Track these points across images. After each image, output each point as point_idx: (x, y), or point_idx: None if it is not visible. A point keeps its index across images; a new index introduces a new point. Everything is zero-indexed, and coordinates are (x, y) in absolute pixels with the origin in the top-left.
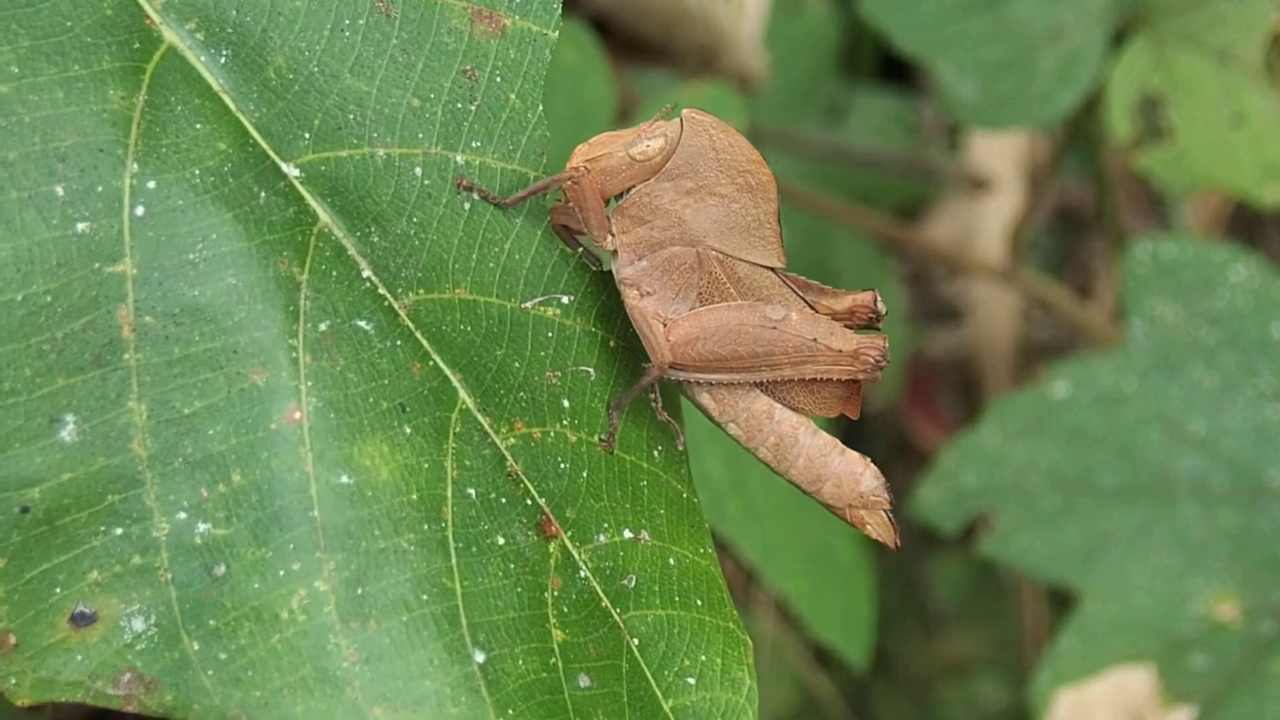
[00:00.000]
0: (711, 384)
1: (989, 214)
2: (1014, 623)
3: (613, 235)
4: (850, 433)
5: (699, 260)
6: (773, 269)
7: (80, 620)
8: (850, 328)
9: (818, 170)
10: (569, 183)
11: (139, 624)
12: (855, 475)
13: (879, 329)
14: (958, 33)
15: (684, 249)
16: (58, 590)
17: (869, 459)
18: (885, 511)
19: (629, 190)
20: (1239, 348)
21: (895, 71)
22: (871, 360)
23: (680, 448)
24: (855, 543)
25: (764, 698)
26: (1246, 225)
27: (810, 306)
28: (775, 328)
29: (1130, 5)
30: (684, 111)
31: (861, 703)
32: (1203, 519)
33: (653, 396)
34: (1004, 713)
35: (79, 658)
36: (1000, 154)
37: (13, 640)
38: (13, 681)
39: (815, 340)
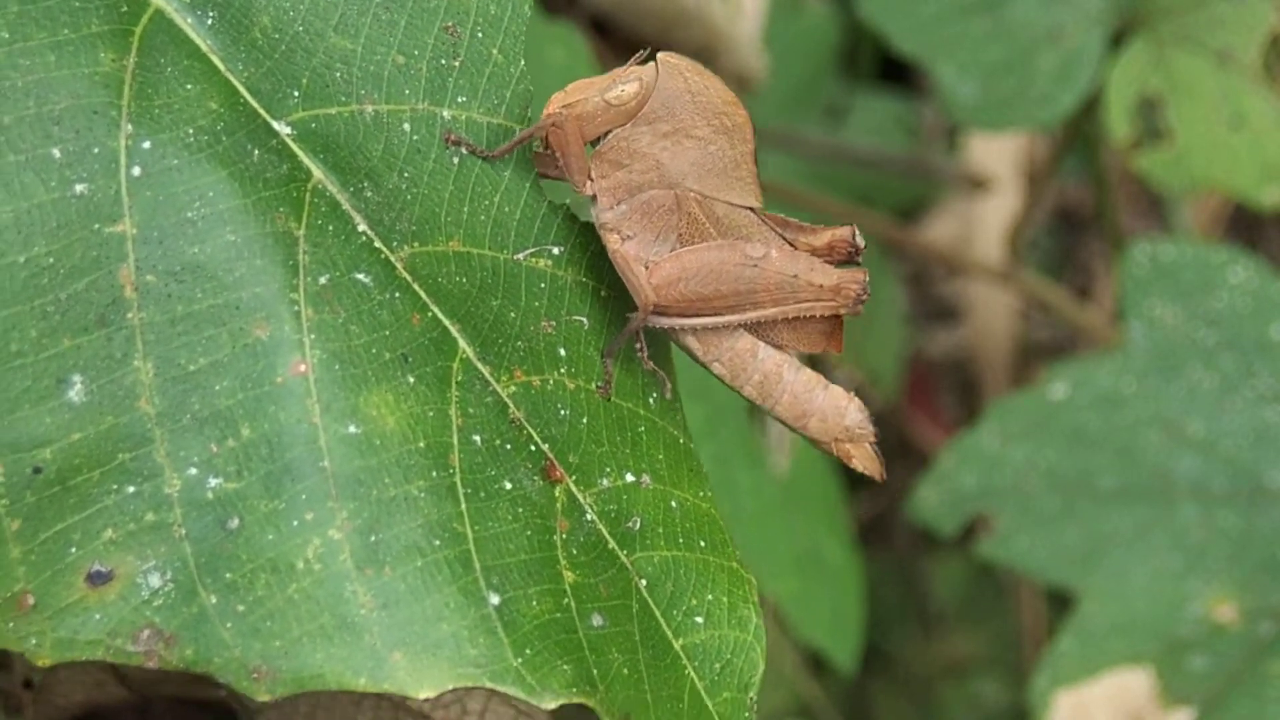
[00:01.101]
0: (695, 327)
1: (988, 214)
2: (1013, 623)
3: (592, 180)
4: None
5: (678, 202)
6: (751, 208)
7: (97, 579)
8: (830, 263)
9: (817, 171)
10: (551, 128)
11: (155, 580)
12: (840, 409)
13: (859, 263)
14: (957, 34)
15: (663, 191)
16: (73, 550)
17: (852, 393)
18: (870, 444)
19: (606, 135)
20: (1238, 349)
21: (895, 72)
22: (853, 293)
23: (669, 396)
24: (844, 544)
25: (763, 697)
26: (1246, 226)
27: (790, 244)
28: (756, 265)
29: (1129, 6)
30: (659, 55)
31: (861, 703)
32: (1202, 520)
33: (638, 345)
34: (1004, 713)
35: (97, 616)
36: (1000, 154)
37: (31, 601)
38: (33, 642)
39: (796, 276)
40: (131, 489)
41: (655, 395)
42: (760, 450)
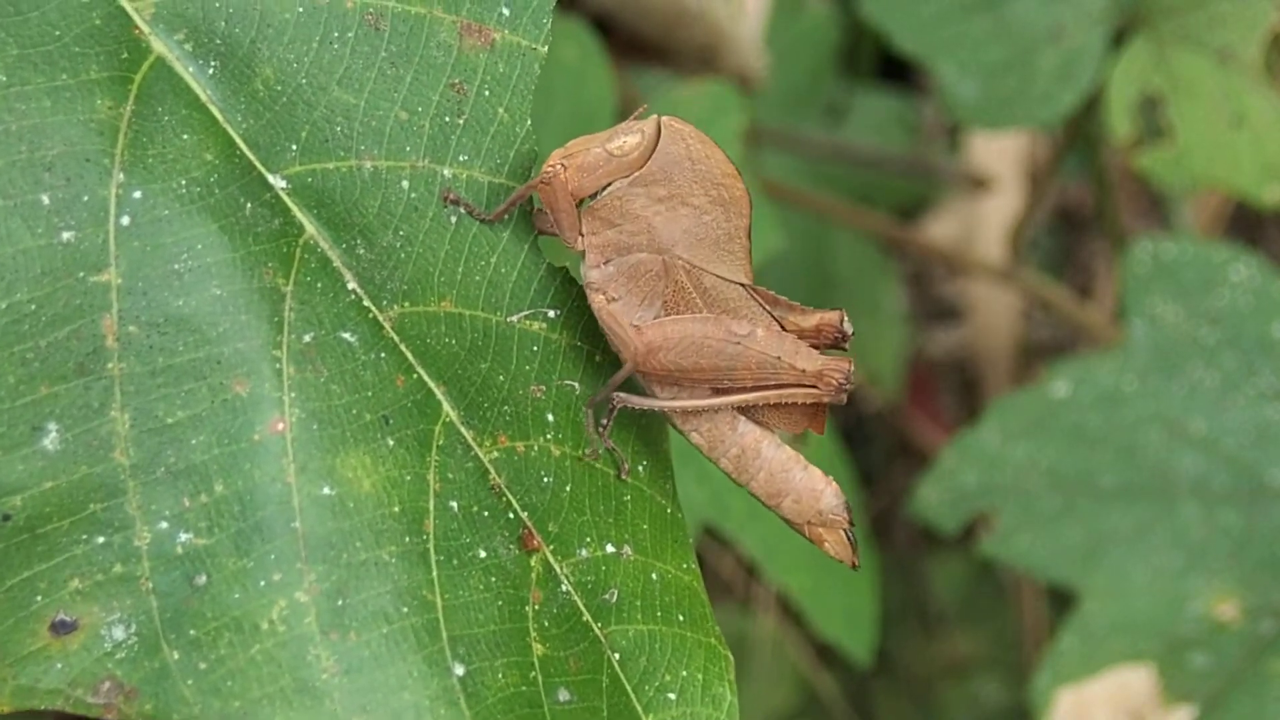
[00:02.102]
0: (675, 393)
1: (989, 214)
2: (1014, 623)
3: (582, 236)
4: (850, 433)
5: (665, 269)
6: (741, 284)
7: (61, 628)
8: (816, 347)
9: (818, 170)
10: (541, 184)
11: (119, 632)
12: (816, 492)
13: (845, 349)
14: (958, 33)
15: (651, 256)
16: (39, 598)
17: (831, 477)
18: (844, 530)
19: (604, 189)
20: (1239, 347)
21: (895, 72)
22: (835, 382)
23: (625, 477)
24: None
25: (764, 697)
26: (1246, 226)
27: (778, 323)
28: (739, 343)
29: (1130, 5)
30: (662, 119)
31: (862, 702)
32: (1203, 519)
33: (604, 422)
34: (1004, 713)
35: (59, 665)
36: (1000, 154)
37: None
38: None
39: (779, 358)
40: (101, 540)
41: (646, 463)
42: None
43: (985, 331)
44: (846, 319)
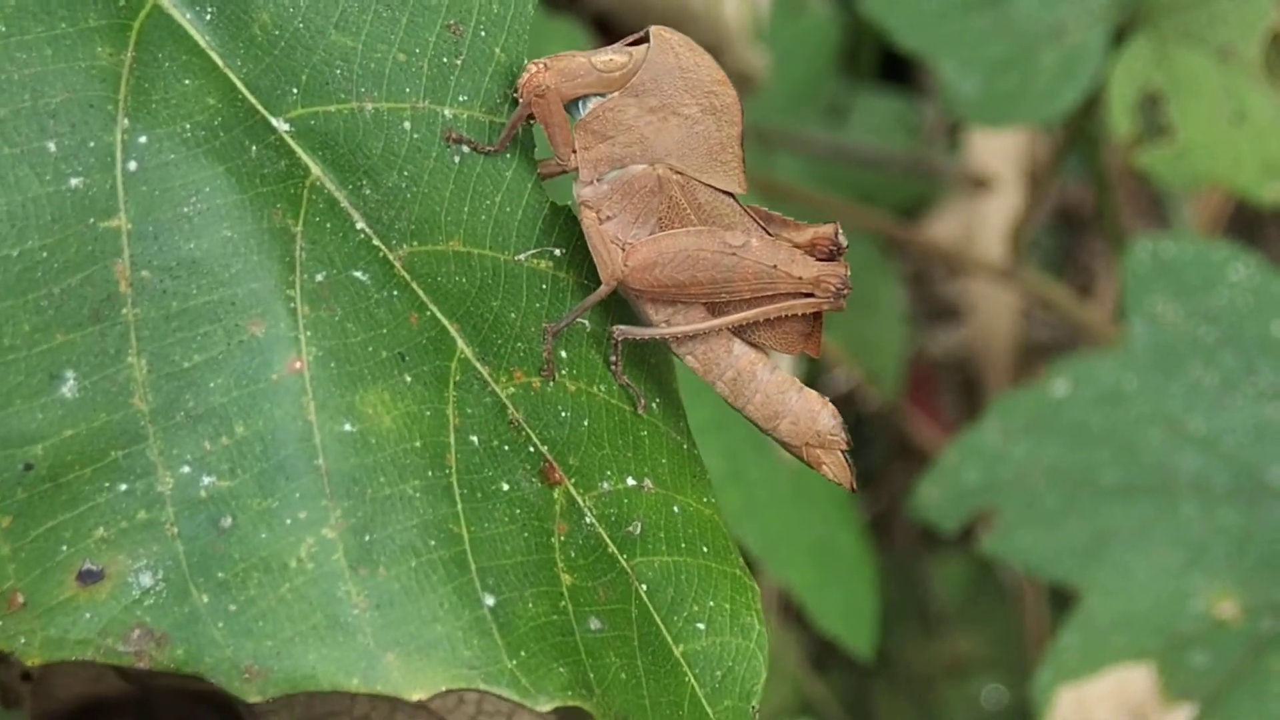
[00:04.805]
0: (670, 315)
1: (989, 214)
2: (1015, 623)
3: (575, 152)
4: (850, 433)
5: (659, 183)
6: (734, 196)
7: (88, 577)
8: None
9: (819, 170)
10: (534, 97)
11: (147, 579)
12: (813, 413)
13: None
14: (959, 30)
15: (645, 170)
16: (64, 548)
17: (827, 398)
18: (842, 452)
19: (589, 100)
20: (1239, 346)
21: (896, 72)
22: (833, 287)
23: (641, 412)
24: (856, 535)
25: (764, 697)
26: (1246, 226)
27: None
28: (735, 254)
29: (1131, 3)
30: (652, 29)
31: (861, 703)
32: (1203, 517)
33: (613, 359)
34: (1004, 713)
35: (88, 615)
36: (1001, 153)
37: (20, 599)
38: (22, 641)
39: (775, 267)
40: (124, 487)
41: (658, 400)
42: (770, 442)
43: (985, 331)
44: (840, 232)
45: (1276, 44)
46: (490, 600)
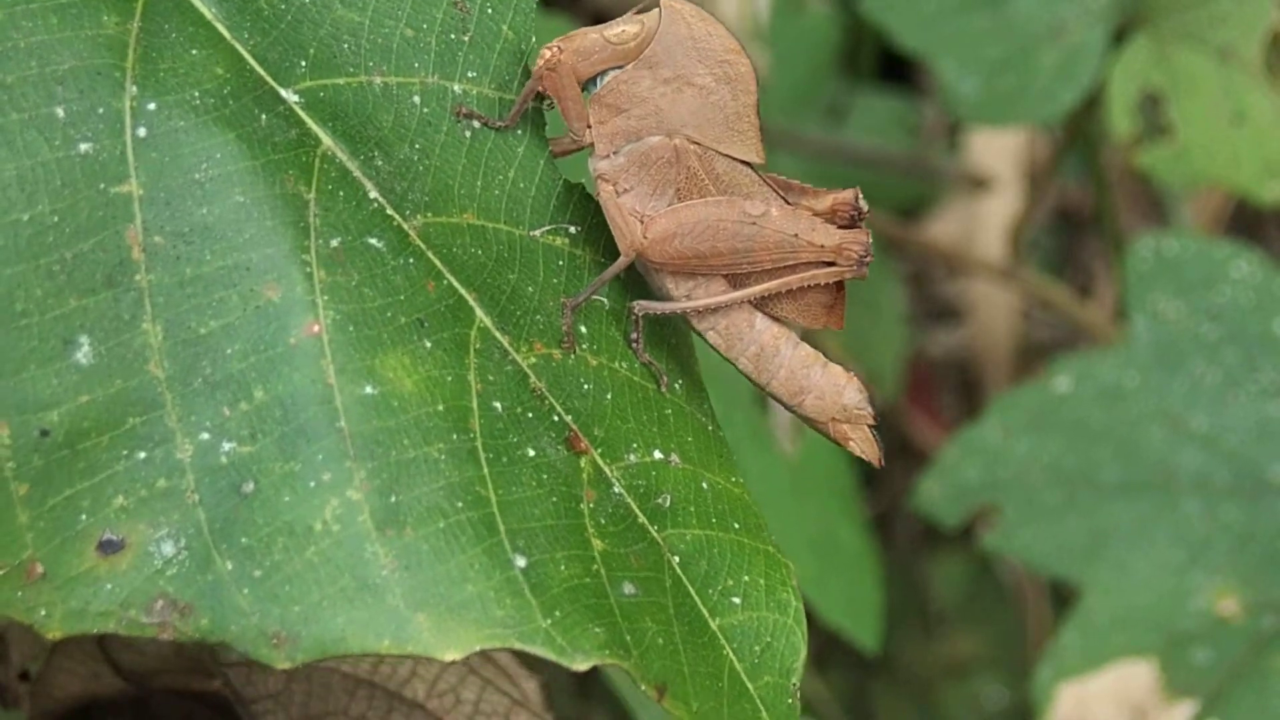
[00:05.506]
0: (690, 290)
1: (989, 214)
2: (1015, 623)
3: (590, 127)
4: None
5: (677, 154)
6: (751, 165)
7: (108, 548)
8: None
9: (818, 170)
10: (546, 72)
11: (169, 548)
12: (838, 388)
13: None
14: (959, 29)
15: (662, 141)
16: (83, 517)
17: (852, 373)
18: (869, 427)
19: (604, 75)
20: (1240, 344)
21: (896, 72)
22: (856, 254)
23: (664, 390)
24: (858, 528)
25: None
26: (1246, 227)
27: (791, 206)
28: (755, 223)
29: (1131, 3)
30: (662, 0)
31: (861, 702)
32: (1205, 514)
33: (634, 335)
34: (1005, 713)
35: (109, 586)
36: (1000, 154)
37: (40, 570)
38: (42, 613)
39: (796, 235)
40: (142, 454)
41: (681, 382)
42: (768, 435)
43: (985, 331)
44: (861, 197)
45: (1276, 44)
46: (521, 561)
